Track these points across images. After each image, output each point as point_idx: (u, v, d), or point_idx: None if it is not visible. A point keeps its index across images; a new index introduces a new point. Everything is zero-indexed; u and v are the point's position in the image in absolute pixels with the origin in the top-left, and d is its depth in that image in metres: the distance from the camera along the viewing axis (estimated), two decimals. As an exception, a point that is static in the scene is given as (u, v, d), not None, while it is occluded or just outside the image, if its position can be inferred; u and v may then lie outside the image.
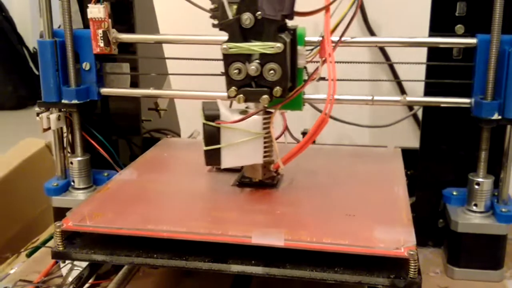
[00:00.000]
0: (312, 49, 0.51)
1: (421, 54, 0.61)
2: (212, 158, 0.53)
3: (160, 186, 0.58)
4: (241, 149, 0.52)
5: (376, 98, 0.59)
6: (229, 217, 0.51)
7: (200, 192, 0.57)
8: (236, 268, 0.46)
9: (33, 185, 0.83)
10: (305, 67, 0.53)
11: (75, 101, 0.61)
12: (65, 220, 0.49)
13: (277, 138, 0.55)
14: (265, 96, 0.49)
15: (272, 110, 0.52)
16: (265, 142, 0.53)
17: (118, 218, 0.50)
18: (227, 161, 0.53)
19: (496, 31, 0.53)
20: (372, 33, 1.02)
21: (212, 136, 0.52)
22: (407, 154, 0.66)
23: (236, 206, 0.53)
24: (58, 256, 0.49)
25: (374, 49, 1.01)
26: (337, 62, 0.50)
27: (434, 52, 0.60)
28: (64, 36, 0.60)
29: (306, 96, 0.57)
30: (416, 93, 0.65)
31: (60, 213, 0.56)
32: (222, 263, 0.46)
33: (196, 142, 0.77)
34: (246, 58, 0.48)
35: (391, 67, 1.00)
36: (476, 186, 0.57)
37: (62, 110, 0.63)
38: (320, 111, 0.87)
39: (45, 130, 0.62)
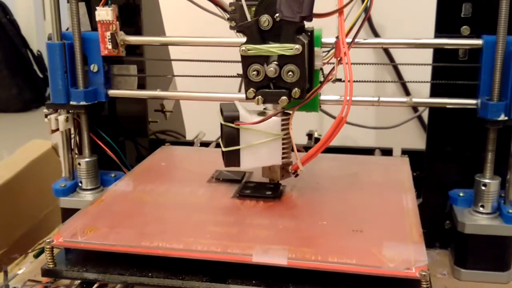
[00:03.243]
0: (328, 51, 0.51)
1: (426, 55, 0.61)
2: (231, 159, 0.52)
3: (156, 198, 0.56)
4: (260, 150, 0.51)
5: (382, 99, 0.59)
6: (228, 232, 0.48)
7: (199, 204, 0.54)
8: None
9: (40, 186, 0.83)
10: (321, 69, 0.52)
11: (83, 103, 0.62)
12: (56, 236, 0.47)
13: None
14: (284, 98, 0.49)
15: (290, 112, 0.52)
16: (283, 144, 0.52)
17: (111, 233, 0.48)
18: (246, 162, 0.52)
19: (502, 32, 0.53)
20: (376, 35, 1.03)
21: (231, 137, 0.51)
22: (413, 155, 0.67)
23: (236, 220, 0.51)
24: (48, 273, 0.47)
25: (379, 50, 1.01)
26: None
27: (439, 53, 0.60)
28: (73, 39, 0.61)
29: (320, 98, 0.57)
30: (421, 95, 0.65)
31: (68, 213, 0.56)
32: (221, 283, 0.43)
33: (195, 150, 0.74)
34: (264, 59, 0.48)
35: (396, 68, 1.00)
36: (483, 187, 0.57)
37: (70, 111, 0.63)
38: (327, 113, 0.88)
39: (53, 131, 0.63)
